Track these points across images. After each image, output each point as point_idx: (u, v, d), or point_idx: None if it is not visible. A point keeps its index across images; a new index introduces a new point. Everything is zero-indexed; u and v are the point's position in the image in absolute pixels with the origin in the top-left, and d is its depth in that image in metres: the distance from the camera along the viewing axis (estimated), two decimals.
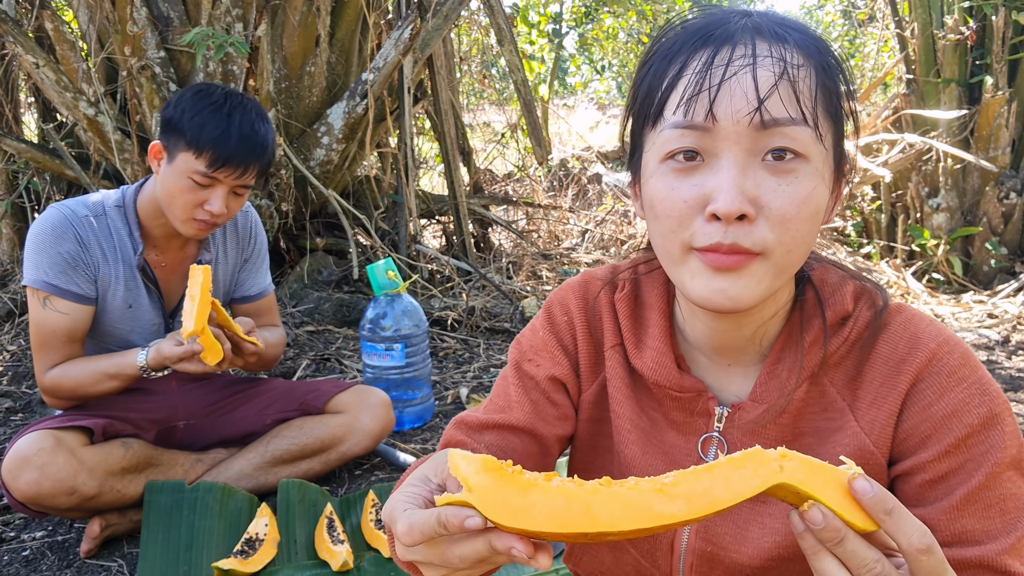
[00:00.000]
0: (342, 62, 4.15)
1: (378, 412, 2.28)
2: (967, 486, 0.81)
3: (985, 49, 4.81)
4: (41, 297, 1.90)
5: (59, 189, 4.06)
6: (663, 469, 0.94)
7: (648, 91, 0.84)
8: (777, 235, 0.77)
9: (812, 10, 13.77)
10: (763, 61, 0.77)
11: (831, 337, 0.88)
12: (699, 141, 0.78)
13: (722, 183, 0.76)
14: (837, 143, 0.84)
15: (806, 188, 0.78)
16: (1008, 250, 4.80)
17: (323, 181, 3.97)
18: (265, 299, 2.30)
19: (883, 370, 0.87)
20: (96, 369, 1.95)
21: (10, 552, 1.98)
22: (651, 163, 0.83)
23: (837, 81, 0.83)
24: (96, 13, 3.56)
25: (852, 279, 0.92)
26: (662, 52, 0.85)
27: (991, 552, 0.79)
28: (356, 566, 1.86)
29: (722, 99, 0.77)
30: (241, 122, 1.87)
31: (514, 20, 7.94)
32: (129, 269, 2.01)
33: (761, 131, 0.76)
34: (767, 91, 0.76)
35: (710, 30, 0.81)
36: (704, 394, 0.93)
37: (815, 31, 0.84)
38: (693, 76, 0.79)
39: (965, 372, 0.84)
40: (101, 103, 3.49)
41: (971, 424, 0.82)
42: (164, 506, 1.95)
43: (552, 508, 0.60)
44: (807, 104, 0.78)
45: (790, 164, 0.77)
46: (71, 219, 1.94)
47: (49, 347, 1.93)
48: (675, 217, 0.80)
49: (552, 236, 5.48)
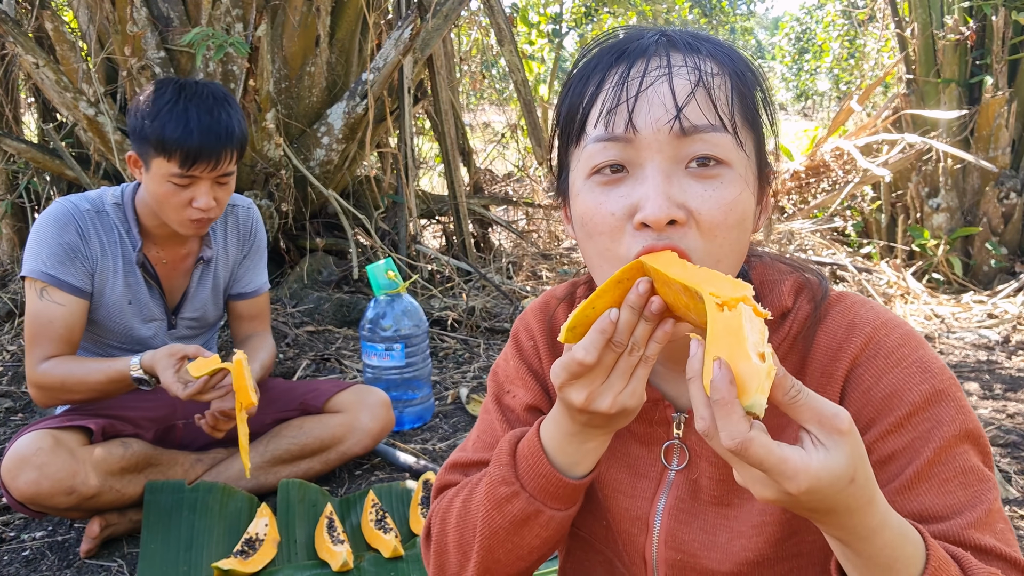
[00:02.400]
0: (342, 62, 4.14)
1: (378, 412, 2.28)
2: (916, 463, 0.80)
3: (985, 49, 4.81)
4: (39, 288, 1.90)
5: (59, 189, 4.06)
6: (628, 482, 0.95)
7: (569, 110, 0.86)
8: (705, 244, 0.78)
9: (812, 10, 13.78)
10: (679, 71, 0.79)
11: (773, 334, 0.89)
12: (622, 153, 0.79)
13: (648, 191, 0.77)
14: (758, 150, 0.85)
15: (731, 193, 0.79)
16: (1008, 250, 4.80)
17: (323, 181, 3.97)
18: (260, 298, 2.30)
19: (823, 360, 0.87)
20: (87, 365, 1.94)
21: (10, 552, 1.98)
22: (578, 180, 0.84)
23: (753, 89, 0.84)
24: (96, 13, 3.56)
25: (793, 273, 0.93)
26: (580, 72, 0.86)
27: (956, 527, 0.77)
28: (356, 566, 1.86)
29: (641, 109, 0.78)
30: (199, 113, 1.84)
31: (514, 20, 7.94)
32: (129, 265, 2.01)
33: (682, 138, 0.78)
34: (684, 98, 0.78)
35: (625, 46, 0.83)
36: (661, 403, 0.93)
37: (728, 43, 0.87)
38: (611, 90, 0.80)
39: (904, 352, 0.84)
40: (101, 103, 3.49)
41: (913, 402, 0.81)
42: (164, 506, 1.95)
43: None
44: (724, 111, 0.79)
45: (714, 170, 0.79)
46: (74, 212, 1.95)
47: (43, 339, 1.92)
48: (606, 232, 0.81)
49: (552, 236, 5.48)
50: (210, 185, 1.91)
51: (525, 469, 0.87)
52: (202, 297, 2.17)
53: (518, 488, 0.86)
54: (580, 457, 0.85)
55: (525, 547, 0.89)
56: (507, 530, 0.88)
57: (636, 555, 0.95)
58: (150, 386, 1.93)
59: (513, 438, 0.91)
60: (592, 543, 1.01)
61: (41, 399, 1.98)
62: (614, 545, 0.98)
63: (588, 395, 0.77)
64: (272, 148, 3.69)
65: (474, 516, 0.91)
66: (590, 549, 1.02)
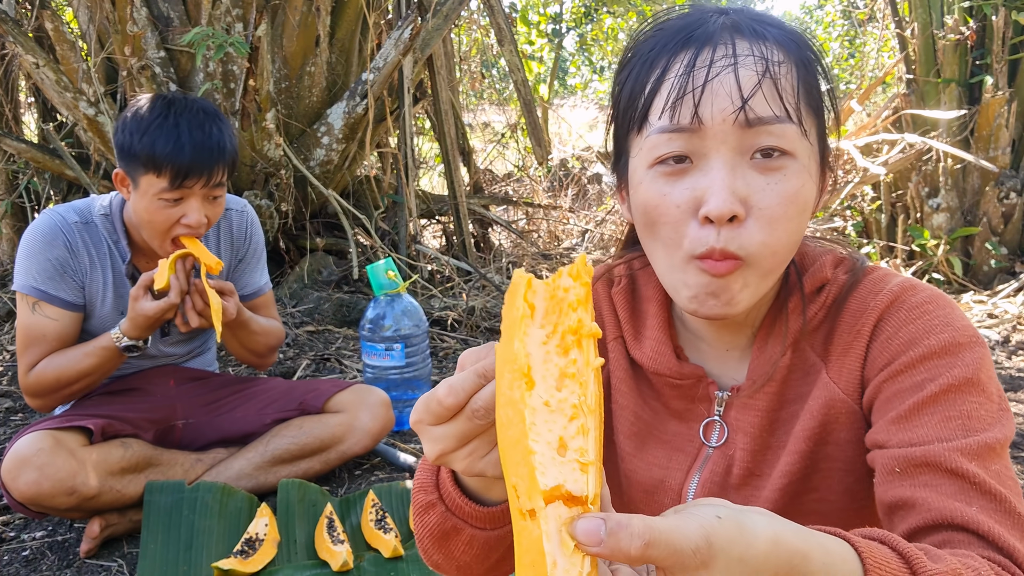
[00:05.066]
0: (342, 62, 4.15)
1: (378, 411, 2.28)
2: (919, 396, 0.78)
3: (985, 49, 4.81)
4: (30, 302, 1.90)
5: (59, 189, 4.07)
6: (663, 458, 0.95)
7: (631, 96, 0.84)
8: (764, 236, 0.78)
9: (812, 10, 13.77)
10: (744, 60, 0.78)
11: (810, 303, 0.89)
12: (687, 144, 0.79)
13: (713, 184, 0.77)
14: (821, 136, 0.85)
15: (794, 186, 0.79)
16: (1008, 250, 4.80)
17: (323, 181, 3.97)
18: (262, 298, 2.30)
19: (850, 321, 0.87)
20: (72, 353, 1.94)
21: (10, 552, 1.98)
22: (639, 169, 0.84)
23: (817, 75, 0.84)
24: (96, 13, 3.56)
25: (832, 251, 0.94)
26: (642, 55, 0.85)
27: (941, 449, 0.74)
28: (356, 566, 1.86)
29: (706, 101, 0.77)
30: (190, 128, 1.81)
31: (514, 20, 7.94)
32: (119, 277, 2.00)
33: (747, 130, 0.77)
34: (750, 90, 0.77)
35: (689, 31, 0.81)
36: (704, 379, 0.93)
37: (792, 26, 0.85)
38: (676, 79, 0.79)
39: (929, 307, 0.83)
40: (101, 103, 3.49)
41: (930, 346, 0.80)
42: (164, 506, 1.95)
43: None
44: (790, 101, 0.78)
45: (778, 162, 0.78)
46: (61, 226, 1.93)
47: (36, 349, 1.92)
48: (671, 224, 0.80)
49: (552, 236, 5.49)
50: (200, 201, 1.87)
51: (442, 480, 0.79)
52: None
53: (436, 498, 0.80)
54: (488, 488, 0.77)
55: (458, 558, 0.83)
56: (431, 538, 0.83)
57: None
58: (139, 349, 1.93)
59: None
60: None
61: (40, 404, 1.97)
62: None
63: (438, 454, 0.66)
64: (272, 148, 3.69)
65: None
66: None
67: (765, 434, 0.90)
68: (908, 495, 0.74)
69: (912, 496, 0.74)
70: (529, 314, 0.59)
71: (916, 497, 0.74)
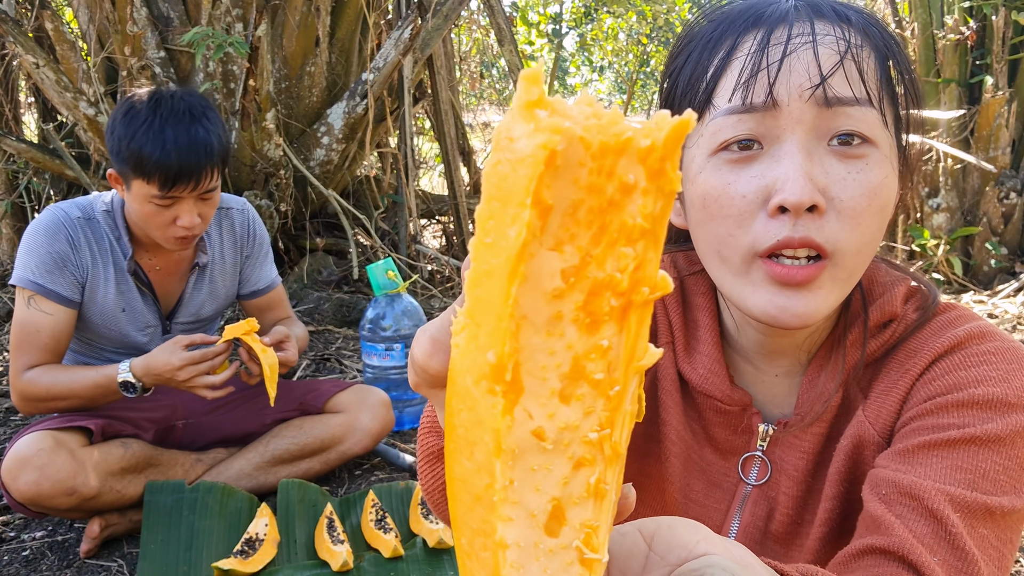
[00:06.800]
0: (342, 62, 4.15)
1: (378, 411, 2.28)
2: (936, 437, 0.70)
3: (985, 49, 4.81)
4: (27, 296, 1.90)
5: (59, 189, 4.07)
6: (701, 491, 0.87)
7: (690, 80, 0.76)
8: (848, 232, 0.69)
9: None
10: (824, 39, 0.70)
11: (872, 339, 0.80)
12: (758, 126, 0.70)
13: (788, 171, 0.68)
14: (898, 130, 0.76)
15: (877, 176, 0.70)
16: (1008, 250, 4.80)
17: (323, 181, 3.97)
18: (274, 292, 2.30)
19: (902, 359, 0.78)
20: (73, 373, 1.93)
21: (10, 552, 1.98)
22: (698, 158, 0.74)
23: (898, 66, 0.76)
24: (96, 13, 3.56)
25: (905, 280, 0.83)
26: (703, 38, 0.77)
27: (931, 487, 0.67)
28: (356, 566, 1.86)
29: (782, 78, 0.69)
30: (176, 133, 1.80)
31: (514, 20, 7.94)
32: (120, 273, 2.00)
33: (825, 110, 0.69)
34: (831, 67, 0.69)
35: (760, 10, 0.74)
36: (749, 408, 0.84)
37: (872, 13, 0.78)
38: (748, 57, 0.71)
39: (994, 358, 0.73)
40: (101, 103, 3.49)
41: (974, 396, 0.71)
42: (164, 506, 1.95)
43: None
44: (872, 85, 0.71)
45: (858, 149, 0.70)
46: (64, 221, 1.93)
47: (29, 347, 1.91)
48: (734, 216, 0.71)
49: None
50: (193, 203, 1.87)
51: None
52: (197, 302, 2.17)
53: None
54: None
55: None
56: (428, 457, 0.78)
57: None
58: (136, 392, 1.92)
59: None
60: None
61: (24, 408, 1.96)
62: None
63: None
64: (272, 148, 3.69)
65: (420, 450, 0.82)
66: None
67: (809, 478, 0.82)
68: (880, 515, 0.69)
69: (883, 518, 0.68)
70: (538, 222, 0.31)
71: (886, 521, 0.68)
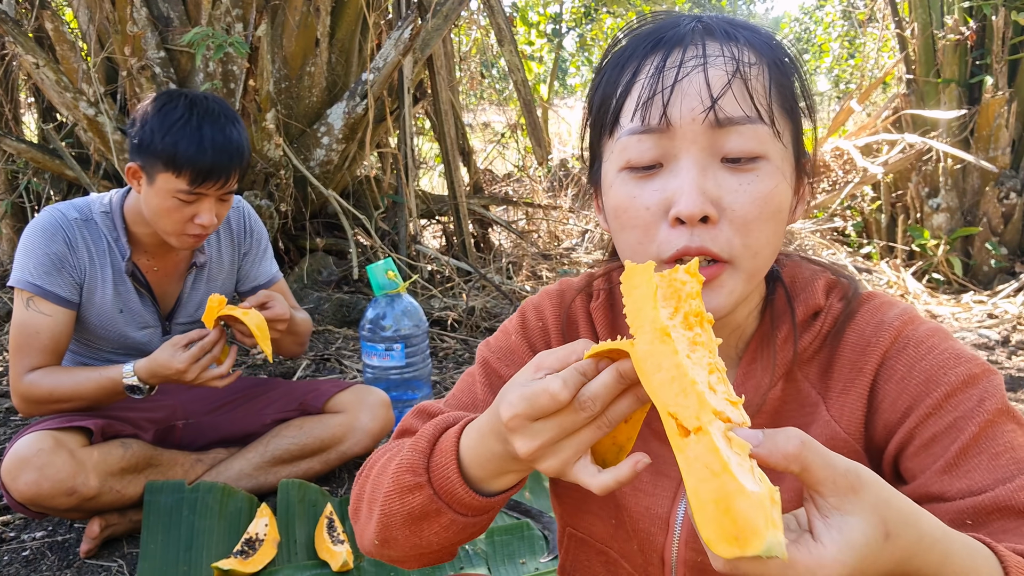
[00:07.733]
0: (342, 62, 4.15)
1: (378, 412, 2.28)
2: (962, 439, 0.77)
3: (985, 49, 4.81)
4: (25, 298, 1.90)
5: (59, 189, 4.06)
6: (649, 480, 0.92)
7: (603, 100, 0.84)
8: (741, 238, 0.77)
9: (812, 10, 13.76)
10: (715, 60, 0.77)
11: (803, 333, 0.87)
12: (657, 145, 0.78)
13: (683, 185, 0.76)
14: (796, 140, 0.83)
15: (767, 186, 0.78)
16: (1008, 250, 4.80)
17: (323, 181, 3.97)
18: (275, 287, 2.30)
19: (851, 357, 0.85)
20: (76, 375, 1.93)
21: (10, 552, 1.98)
22: (611, 172, 0.83)
23: (792, 78, 0.83)
24: (96, 13, 3.56)
25: (824, 272, 0.91)
26: (614, 60, 0.84)
27: (1008, 491, 0.73)
28: (356, 566, 1.86)
29: (675, 101, 0.77)
30: (213, 132, 1.83)
31: (514, 20, 7.94)
32: (118, 274, 2.00)
33: (717, 130, 0.76)
34: (720, 89, 0.76)
35: (660, 34, 0.81)
36: None
37: (767, 30, 0.85)
38: (646, 80, 0.78)
39: (934, 341, 0.82)
40: (101, 103, 3.49)
41: (951, 383, 0.79)
42: (164, 506, 1.95)
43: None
44: (761, 101, 0.78)
45: (748, 164, 0.77)
46: (61, 222, 1.93)
47: (29, 348, 1.91)
48: (640, 226, 0.79)
49: (552, 236, 5.48)
50: (213, 203, 1.90)
51: (438, 465, 0.80)
52: (196, 302, 2.17)
53: (424, 481, 0.80)
54: (494, 478, 0.79)
55: (423, 539, 0.84)
56: (404, 518, 0.83)
57: (654, 555, 0.92)
58: (143, 393, 1.93)
59: (442, 423, 0.84)
60: (590, 543, 0.99)
61: (26, 409, 1.95)
62: (623, 545, 0.95)
63: (536, 448, 0.69)
64: (272, 148, 3.69)
65: (381, 487, 0.86)
66: (589, 548, 1.00)
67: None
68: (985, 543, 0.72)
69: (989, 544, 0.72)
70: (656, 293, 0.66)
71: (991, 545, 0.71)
